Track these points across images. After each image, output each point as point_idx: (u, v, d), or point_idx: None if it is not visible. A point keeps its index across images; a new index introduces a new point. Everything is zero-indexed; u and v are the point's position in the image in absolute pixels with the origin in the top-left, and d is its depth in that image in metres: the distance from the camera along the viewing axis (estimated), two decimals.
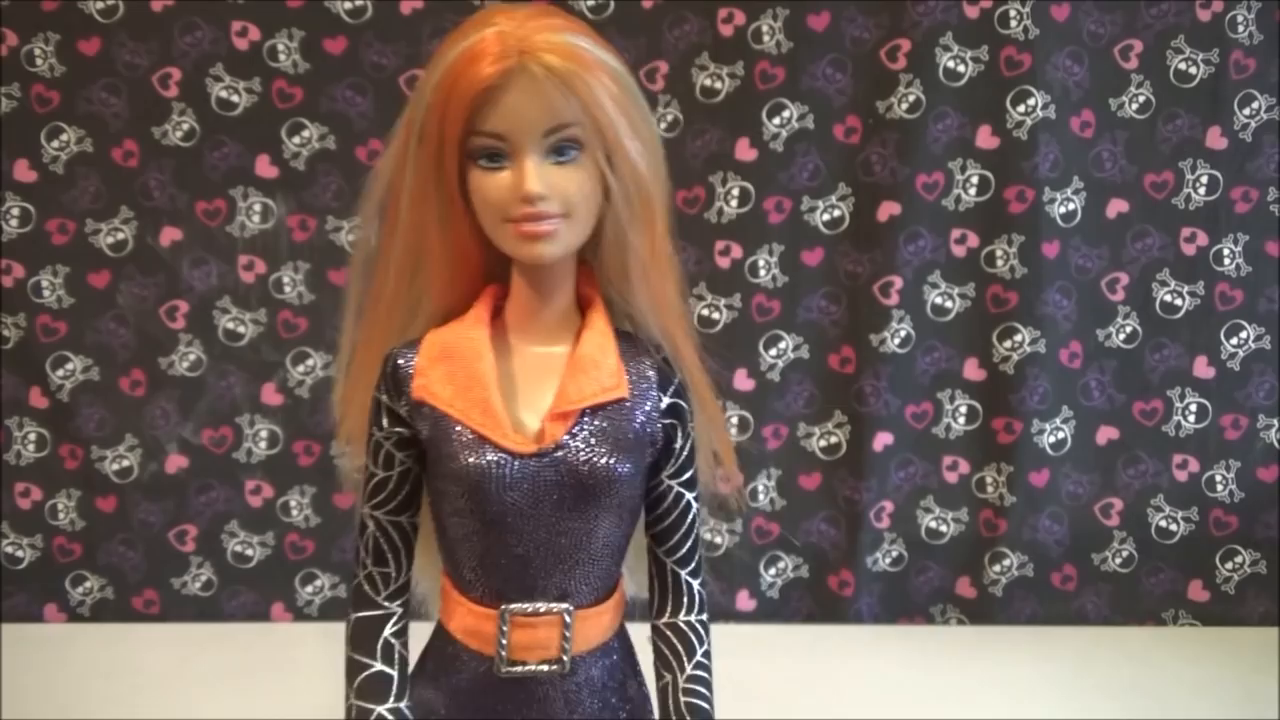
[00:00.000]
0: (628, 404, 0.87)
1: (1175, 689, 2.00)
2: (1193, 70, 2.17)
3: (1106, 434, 2.29)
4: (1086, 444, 2.29)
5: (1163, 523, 2.31)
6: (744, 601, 2.29)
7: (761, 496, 2.28)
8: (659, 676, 0.92)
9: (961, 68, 2.14)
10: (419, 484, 0.90)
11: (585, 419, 0.85)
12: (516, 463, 0.83)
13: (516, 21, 0.79)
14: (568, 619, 0.87)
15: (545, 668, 0.87)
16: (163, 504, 2.21)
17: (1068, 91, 2.16)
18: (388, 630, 0.90)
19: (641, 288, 0.88)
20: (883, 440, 2.26)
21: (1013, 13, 2.11)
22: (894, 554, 2.29)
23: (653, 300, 0.89)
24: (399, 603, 0.91)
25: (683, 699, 0.89)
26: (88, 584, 2.22)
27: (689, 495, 0.92)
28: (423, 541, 0.95)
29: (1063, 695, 1.97)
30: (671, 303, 0.90)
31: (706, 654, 0.92)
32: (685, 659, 0.91)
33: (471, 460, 0.83)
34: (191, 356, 2.19)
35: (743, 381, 2.24)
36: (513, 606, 0.86)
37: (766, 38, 2.13)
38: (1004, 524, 2.27)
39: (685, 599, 0.93)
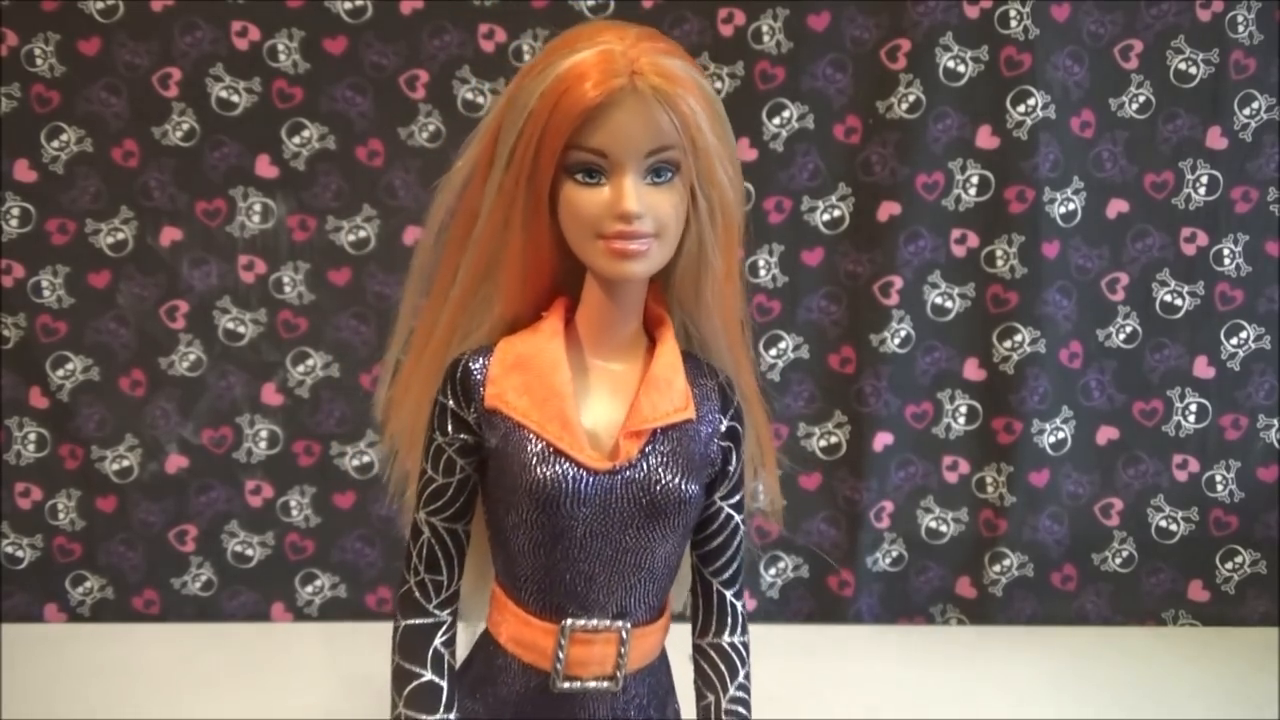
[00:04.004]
0: (694, 425, 0.87)
1: (1175, 689, 2.00)
2: (1193, 70, 2.17)
3: (1106, 434, 2.29)
4: (1086, 444, 2.29)
5: (1163, 523, 2.31)
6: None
7: (762, 497, 2.27)
8: (700, 696, 0.94)
9: (961, 68, 2.14)
10: (476, 492, 0.90)
11: (657, 438, 0.86)
12: (591, 478, 0.83)
13: (628, 41, 0.80)
14: (624, 636, 0.87)
15: (599, 684, 0.88)
16: (163, 504, 2.21)
17: (1068, 91, 2.16)
18: (438, 639, 0.89)
19: (716, 307, 0.89)
20: (883, 440, 2.26)
21: (1013, 13, 2.11)
22: (894, 554, 2.29)
23: (724, 320, 0.90)
24: (449, 611, 0.91)
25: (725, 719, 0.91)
26: (88, 584, 2.22)
27: (738, 517, 0.94)
28: (470, 549, 0.95)
29: (1063, 695, 1.97)
30: (738, 324, 0.93)
31: (747, 675, 0.95)
32: (729, 680, 0.93)
33: (546, 473, 0.83)
34: (191, 356, 2.19)
35: None
36: (574, 622, 0.86)
37: (766, 38, 2.13)
38: (1004, 524, 2.27)
39: (730, 620, 0.95)
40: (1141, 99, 2.19)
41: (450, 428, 0.87)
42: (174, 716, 1.81)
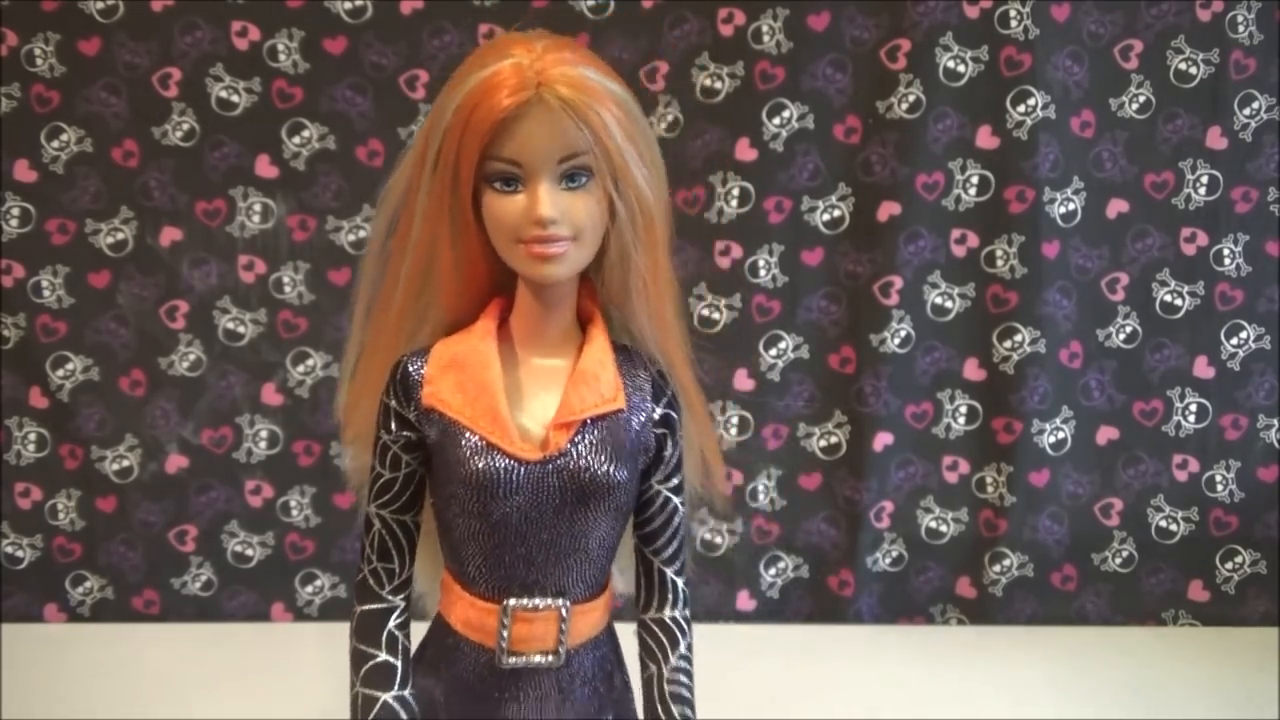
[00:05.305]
0: (624, 414, 0.93)
1: (1175, 689, 2.00)
2: (1193, 70, 2.17)
3: (1106, 434, 2.29)
4: (1086, 444, 2.29)
5: (1163, 523, 2.31)
6: (744, 601, 2.29)
7: (761, 496, 2.28)
8: (644, 667, 0.99)
9: (961, 68, 2.14)
10: (423, 485, 0.96)
11: (586, 428, 0.91)
12: (522, 469, 0.89)
13: (534, 54, 0.84)
14: (564, 614, 0.93)
15: (542, 659, 0.93)
16: (163, 504, 2.21)
17: (1068, 91, 2.16)
18: (392, 623, 0.95)
19: (642, 305, 0.93)
20: (883, 440, 2.26)
21: (1013, 13, 2.11)
22: (894, 554, 2.29)
23: (652, 317, 0.95)
24: (402, 596, 0.96)
25: (667, 688, 0.96)
26: (88, 584, 2.22)
27: (676, 500, 0.98)
28: (422, 540, 0.99)
29: (1063, 695, 1.97)
30: (669, 320, 0.96)
31: (689, 647, 0.99)
32: (670, 651, 0.97)
33: (480, 465, 0.88)
34: (191, 356, 2.19)
35: (743, 381, 2.24)
36: (514, 602, 0.92)
37: (766, 38, 2.13)
38: (1004, 524, 2.27)
39: (670, 595, 0.99)
40: (1141, 99, 2.19)
41: (393, 426, 0.93)
42: (174, 716, 1.81)
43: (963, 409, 2.27)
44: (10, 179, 2.11)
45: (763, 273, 2.21)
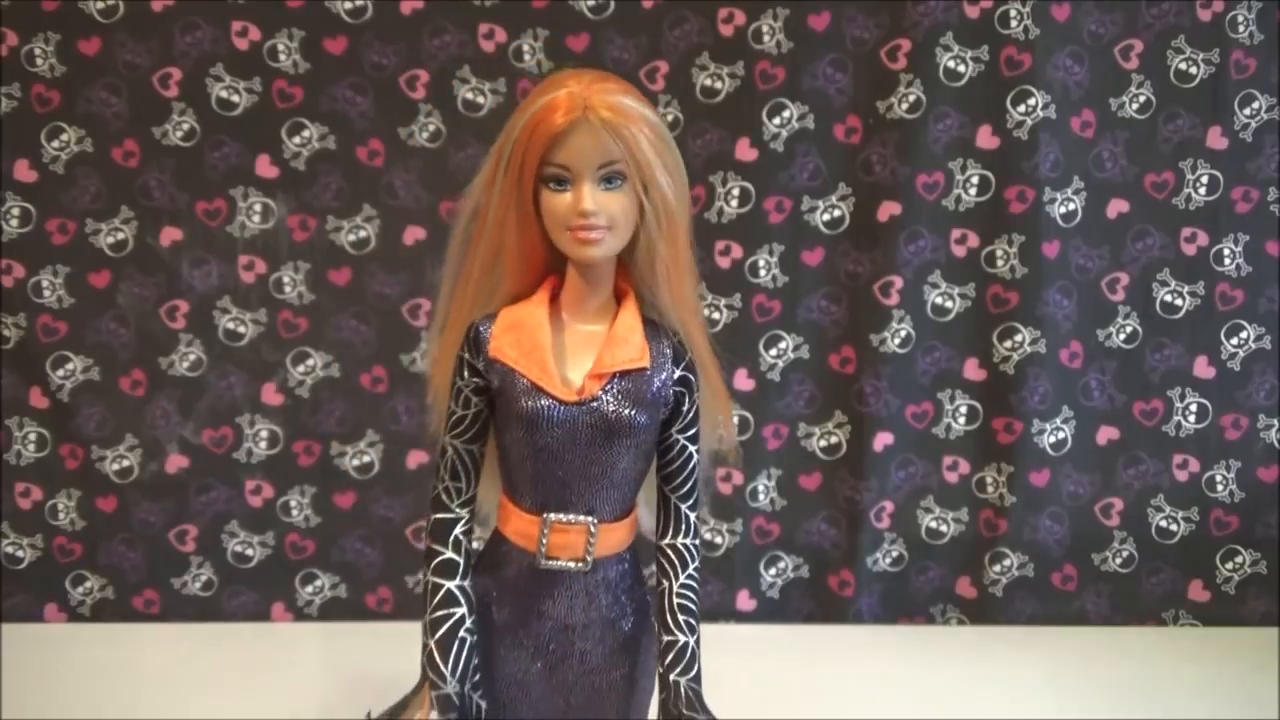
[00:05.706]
0: (648, 372, 1.15)
1: (1175, 689, 2.00)
2: (1193, 70, 2.17)
3: (1107, 434, 2.29)
4: (1087, 444, 2.29)
5: (1163, 523, 2.31)
6: (744, 601, 2.29)
7: (761, 496, 2.28)
8: (658, 583, 1.21)
9: (962, 68, 2.14)
10: (488, 422, 1.19)
11: (615, 380, 1.13)
12: (562, 408, 1.11)
13: (584, 85, 1.07)
14: (592, 529, 1.15)
15: (573, 564, 1.15)
16: (163, 504, 2.21)
17: (1068, 91, 2.16)
18: (458, 529, 1.18)
19: (665, 286, 1.15)
20: (883, 440, 2.26)
21: (1013, 13, 2.11)
22: (894, 554, 2.29)
23: (674, 296, 1.17)
24: (467, 510, 1.19)
25: (676, 600, 1.19)
26: (88, 584, 2.22)
27: (691, 447, 1.21)
28: (488, 473, 1.22)
29: (1063, 695, 1.97)
30: (689, 299, 1.19)
31: (697, 568, 1.23)
32: (680, 571, 1.20)
33: (529, 404, 1.11)
34: (191, 356, 2.19)
35: (743, 381, 2.24)
36: (551, 515, 1.14)
37: (766, 38, 2.13)
38: (1004, 524, 2.27)
39: (683, 526, 1.22)
40: (1142, 99, 2.19)
41: (465, 373, 1.16)
42: (174, 716, 1.81)
43: (963, 409, 2.27)
44: (10, 179, 2.11)
45: (763, 273, 2.21)
